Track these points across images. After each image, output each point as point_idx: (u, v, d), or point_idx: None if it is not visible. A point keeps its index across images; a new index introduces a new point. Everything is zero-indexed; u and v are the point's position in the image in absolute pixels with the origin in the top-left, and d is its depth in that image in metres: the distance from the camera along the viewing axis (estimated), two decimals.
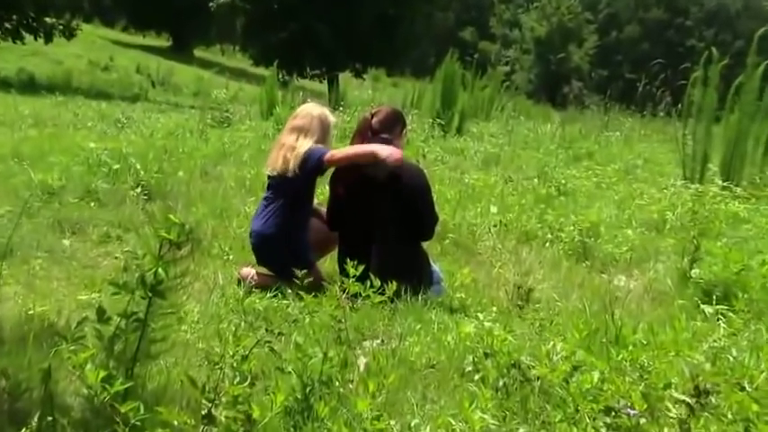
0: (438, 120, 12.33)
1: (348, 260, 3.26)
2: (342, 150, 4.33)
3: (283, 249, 4.21)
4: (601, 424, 2.35)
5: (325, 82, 25.13)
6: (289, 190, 4.27)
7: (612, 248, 5.43)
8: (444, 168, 8.77)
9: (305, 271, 3.40)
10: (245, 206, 5.85)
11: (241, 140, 9.79)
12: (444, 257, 5.09)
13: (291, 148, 4.29)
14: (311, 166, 4.24)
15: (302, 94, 14.41)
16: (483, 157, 10.01)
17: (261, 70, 26.12)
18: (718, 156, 8.92)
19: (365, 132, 4.35)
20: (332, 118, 4.52)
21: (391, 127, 4.38)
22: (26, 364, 2.50)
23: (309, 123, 4.37)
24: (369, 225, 4.14)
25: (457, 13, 57.12)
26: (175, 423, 2.04)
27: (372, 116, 4.40)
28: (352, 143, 4.41)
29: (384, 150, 4.18)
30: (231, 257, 4.67)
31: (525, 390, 2.68)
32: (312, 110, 4.49)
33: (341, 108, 12.77)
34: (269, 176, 4.40)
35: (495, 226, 5.83)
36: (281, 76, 20.93)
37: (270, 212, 4.28)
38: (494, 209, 6.33)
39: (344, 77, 26.04)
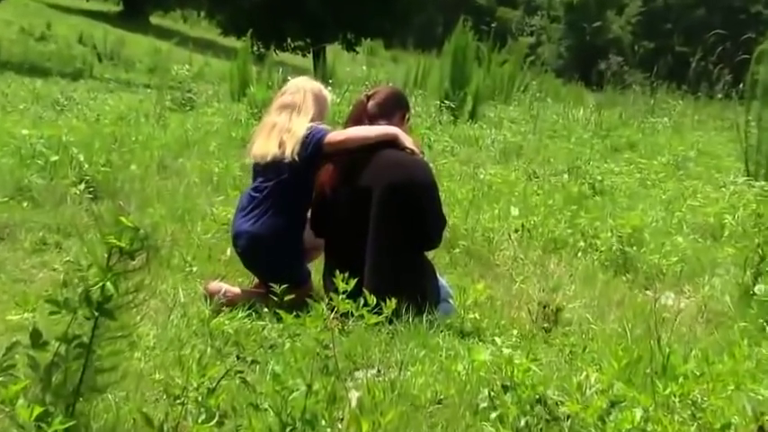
0: (447, 102, 12.35)
1: (337, 272, 3.27)
2: (349, 131, 4.34)
3: (280, 255, 4.22)
4: None
5: (310, 56, 25.15)
6: (287, 179, 4.25)
7: (659, 259, 5.45)
8: (454, 161, 8.78)
9: (286, 286, 3.41)
10: (211, 207, 5.86)
11: (207, 126, 9.79)
12: (454, 269, 5.10)
13: (287, 129, 4.29)
14: (311, 150, 4.24)
15: (282, 71, 14.41)
16: (502, 147, 10.02)
17: (231, 41, 26.12)
18: None
19: (360, 118, 4.37)
20: (327, 92, 4.55)
21: (390, 111, 4.40)
22: None
23: (302, 99, 4.38)
24: (361, 230, 4.15)
25: None
26: None
27: (368, 99, 4.42)
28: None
29: (407, 138, 4.25)
30: (195, 269, 4.67)
31: (552, 430, 2.69)
32: (304, 84, 4.51)
33: (329, 87, 12.80)
34: (256, 166, 4.38)
35: (516, 231, 5.84)
36: (255, 48, 20.94)
37: (264, 211, 4.26)
38: (515, 211, 6.34)
39: (333, 50, 26.07)
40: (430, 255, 4.45)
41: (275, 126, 4.35)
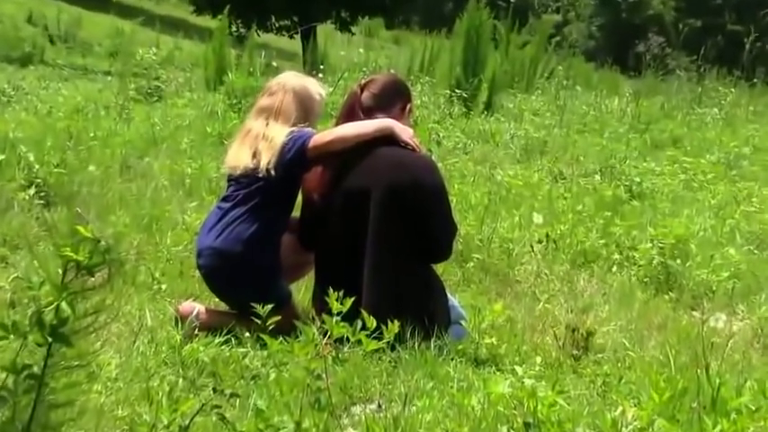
0: (459, 91, 12.37)
1: (330, 290, 3.27)
2: (336, 131, 4.34)
3: (251, 273, 4.22)
4: None
5: (298, 37, 25.17)
6: (261, 192, 4.26)
7: (708, 275, 5.45)
8: (467, 160, 8.80)
9: (271, 306, 3.42)
10: (183, 214, 5.87)
11: (178, 120, 9.81)
12: (467, 287, 5.10)
13: (263, 136, 4.30)
14: (291, 157, 4.25)
15: (265, 55, 14.44)
16: (522, 144, 10.04)
17: (205, 20, 26.15)
18: None
19: (353, 112, 4.36)
20: (315, 90, 4.52)
21: (388, 102, 4.40)
22: None
23: (281, 101, 4.38)
24: (357, 241, 4.16)
25: None
26: None
27: (362, 89, 4.42)
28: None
29: (404, 130, 4.25)
30: (164, 287, 4.68)
31: None
32: (286, 81, 4.50)
33: (320, 74, 12.80)
34: (229, 177, 4.41)
35: (539, 242, 5.85)
36: (234, 28, 20.98)
37: (231, 221, 4.26)
38: (538, 218, 6.34)
39: (325, 31, 26.07)
40: (439, 270, 4.46)
41: (249, 132, 4.37)
